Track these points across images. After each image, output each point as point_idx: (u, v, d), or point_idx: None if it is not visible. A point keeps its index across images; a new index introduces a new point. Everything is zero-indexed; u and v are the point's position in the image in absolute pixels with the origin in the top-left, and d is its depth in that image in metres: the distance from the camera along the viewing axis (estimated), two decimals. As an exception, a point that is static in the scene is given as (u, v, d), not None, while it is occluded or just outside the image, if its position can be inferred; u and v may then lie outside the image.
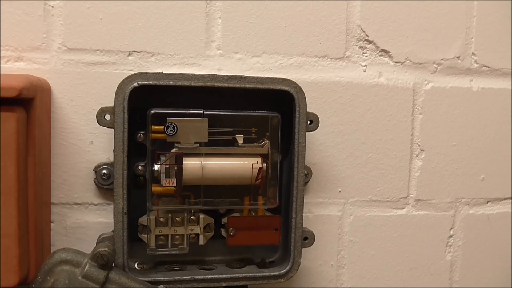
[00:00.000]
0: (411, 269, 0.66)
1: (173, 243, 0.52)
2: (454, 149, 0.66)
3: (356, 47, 0.61)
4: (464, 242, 0.68)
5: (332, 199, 0.62)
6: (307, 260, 0.62)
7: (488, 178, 0.67)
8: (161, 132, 0.50)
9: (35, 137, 0.47)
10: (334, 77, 0.60)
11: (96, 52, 0.54)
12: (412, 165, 0.64)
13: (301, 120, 0.52)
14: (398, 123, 0.63)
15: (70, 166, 0.54)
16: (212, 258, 0.57)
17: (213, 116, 0.51)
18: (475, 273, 0.69)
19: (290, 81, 0.52)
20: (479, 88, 0.66)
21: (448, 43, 0.64)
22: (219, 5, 0.56)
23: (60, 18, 0.52)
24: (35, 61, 0.52)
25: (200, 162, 0.51)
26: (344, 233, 0.63)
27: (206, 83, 0.50)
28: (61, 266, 0.45)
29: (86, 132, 0.54)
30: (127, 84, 0.49)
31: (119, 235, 0.49)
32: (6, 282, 0.44)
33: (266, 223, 0.54)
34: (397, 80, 0.62)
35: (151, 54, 0.55)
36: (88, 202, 0.55)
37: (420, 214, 0.65)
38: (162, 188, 0.50)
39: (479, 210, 0.68)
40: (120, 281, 0.46)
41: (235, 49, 0.57)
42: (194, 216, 0.53)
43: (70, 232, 0.55)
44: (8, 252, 0.44)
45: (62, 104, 0.53)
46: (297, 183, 0.53)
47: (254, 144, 0.53)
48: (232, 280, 0.53)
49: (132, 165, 0.53)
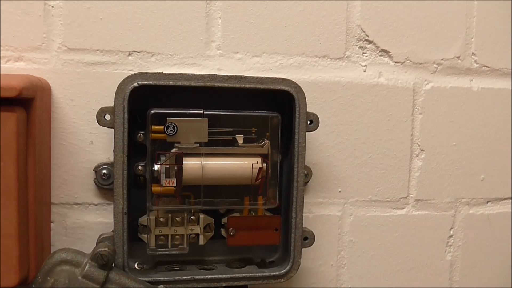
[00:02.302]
0: (411, 269, 0.66)
1: (173, 243, 0.52)
2: (454, 149, 0.66)
3: (356, 47, 0.61)
4: (464, 242, 0.68)
5: (332, 199, 0.62)
6: (307, 260, 0.62)
7: (488, 178, 0.67)
8: (161, 132, 0.50)
9: (35, 137, 0.47)
10: (334, 77, 0.60)
11: (96, 52, 0.54)
12: (412, 165, 0.64)
13: (301, 120, 0.52)
14: (398, 123, 0.63)
15: (70, 166, 0.54)
16: (212, 258, 0.57)
17: (213, 116, 0.51)
18: (475, 273, 0.69)
19: (290, 81, 0.52)
20: (479, 88, 0.66)
21: (448, 43, 0.64)
22: (219, 5, 0.56)
23: (60, 18, 0.52)
24: (35, 61, 0.52)
25: (200, 162, 0.51)
26: (344, 233, 0.63)
27: (206, 83, 0.50)
28: (61, 266, 0.45)
29: (86, 132, 0.54)
30: (127, 84, 0.49)
31: (119, 235, 0.49)
32: (6, 282, 0.44)
33: (266, 223, 0.54)
34: (397, 80, 0.62)
35: (151, 54, 0.55)
36: (88, 202, 0.55)
37: (420, 214, 0.65)
38: (162, 188, 0.50)
39: (479, 210, 0.68)
40: (120, 281, 0.46)
41: (235, 49, 0.57)
42: (194, 216, 0.53)
43: (70, 232, 0.55)
44: (8, 252, 0.44)
45: (62, 104, 0.53)
46: (297, 183, 0.53)
47: (254, 144, 0.53)
48: (232, 280, 0.53)
49: (132, 165, 0.53)
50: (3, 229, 0.44)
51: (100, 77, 0.54)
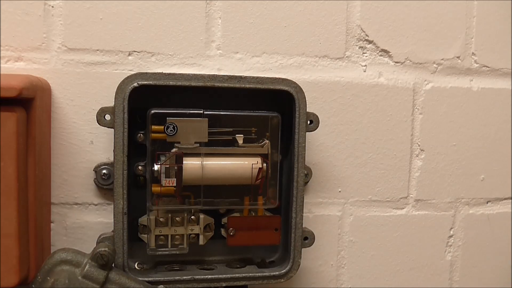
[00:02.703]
0: (411, 269, 0.66)
1: (173, 243, 0.52)
2: (454, 149, 0.66)
3: (356, 47, 0.61)
4: (464, 242, 0.68)
5: (332, 199, 0.62)
6: (307, 260, 0.62)
7: (488, 178, 0.67)
8: (161, 132, 0.50)
9: (35, 137, 0.47)
10: (334, 77, 0.60)
11: (96, 52, 0.54)
12: (412, 165, 0.64)
13: (301, 120, 0.52)
14: (398, 123, 0.63)
15: (70, 166, 0.54)
16: (212, 258, 0.57)
17: (213, 116, 0.51)
18: (475, 273, 0.69)
19: (290, 81, 0.52)
20: (479, 88, 0.66)
21: (448, 43, 0.64)
22: (219, 5, 0.56)
23: (60, 18, 0.52)
24: (35, 61, 0.52)
25: (200, 162, 0.51)
26: (344, 233, 0.63)
27: (206, 83, 0.50)
28: (61, 266, 0.45)
29: (86, 132, 0.54)
30: (127, 84, 0.49)
31: (119, 235, 0.49)
32: (6, 282, 0.44)
33: (266, 223, 0.54)
34: (397, 80, 0.62)
35: (151, 54, 0.55)
36: (88, 202, 0.55)
37: (420, 214, 0.65)
38: (162, 188, 0.50)
39: (479, 210, 0.68)
40: (120, 281, 0.46)
41: (235, 49, 0.57)
42: (194, 216, 0.53)
43: (70, 232, 0.55)
44: (8, 252, 0.44)
45: (62, 104, 0.53)
46: (297, 183, 0.53)
47: (254, 144, 0.53)
48: (232, 280, 0.53)
49: (132, 165, 0.53)
50: (3, 229, 0.44)
51: (100, 77, 0.54)
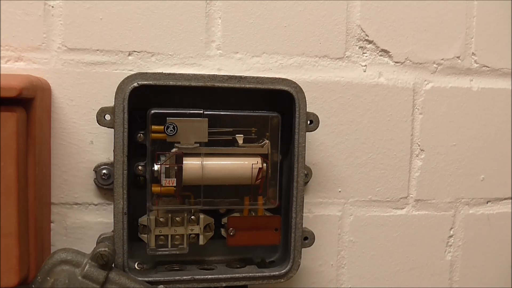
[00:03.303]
0: (411, 269, 0.66)
1: (173, 243, 0.52)
2: (454, 149, 0.66)
3: (356, 47, 0.61)
4: (464, 242, 0.68)
5: (332, 199, 0.62)
6: (307, 260, 0.62)
7: (488, 178, 0.67)
8: (161, 132, 0.50)
9: (35, 137, 0.47)
10: (334, 77, 0.60)
11: (96, 52, 0.54)
12: (412, 165, 0.64)
13: (301, 120, 0.52)
14: (398, 123, 0.63)
15: (70, 166, 0.54)
16: (212, 258, 0.57)
17: (213, 116, 0.51)
18: (475, 273, 0.69)
19: (290, 81, 0.52)
20: (479, 88, 0.66)
21: (448, 43, 0.64)
22: (219, 5, 0.56)
23: (60, 18, 0.52)
24: (35, 61, 0.52)
25: (200, 162, 0.51)
26: (344, 233, 0.63)
27: (206, 83, 0.50)
28: (61, 266, 0.45)
29: (86, 132, 0.54)
30: (127, 84, 0.49)
31: (119, 235, 0.49)
32: (6, 282, 0.44)
33: (266, 223, 0.54)
34: (397, 80, 0.62)
35: (151, 54, 0.55)
36: (88, 202, 0.55)
37: (420, 214, 0.65)
38: (162, 188, 0.50)
39: (479, 210, 0.68)
40: (120, 281, 0.46)
41: (235, 49, 0.57)
42: (194, 216, 0.53)
43: (70, 232, 0.55)
44: (8, 252, 0.44)
45: (62, 104, 0.53)
46: (297, 183, 0.53)
47: (254, 144, 0.53)
48: (232, 280, 0.53)
49: (132, 165, 0.53)
50: (3, 229, 0.44)
51: (100, 77, 0.54)
